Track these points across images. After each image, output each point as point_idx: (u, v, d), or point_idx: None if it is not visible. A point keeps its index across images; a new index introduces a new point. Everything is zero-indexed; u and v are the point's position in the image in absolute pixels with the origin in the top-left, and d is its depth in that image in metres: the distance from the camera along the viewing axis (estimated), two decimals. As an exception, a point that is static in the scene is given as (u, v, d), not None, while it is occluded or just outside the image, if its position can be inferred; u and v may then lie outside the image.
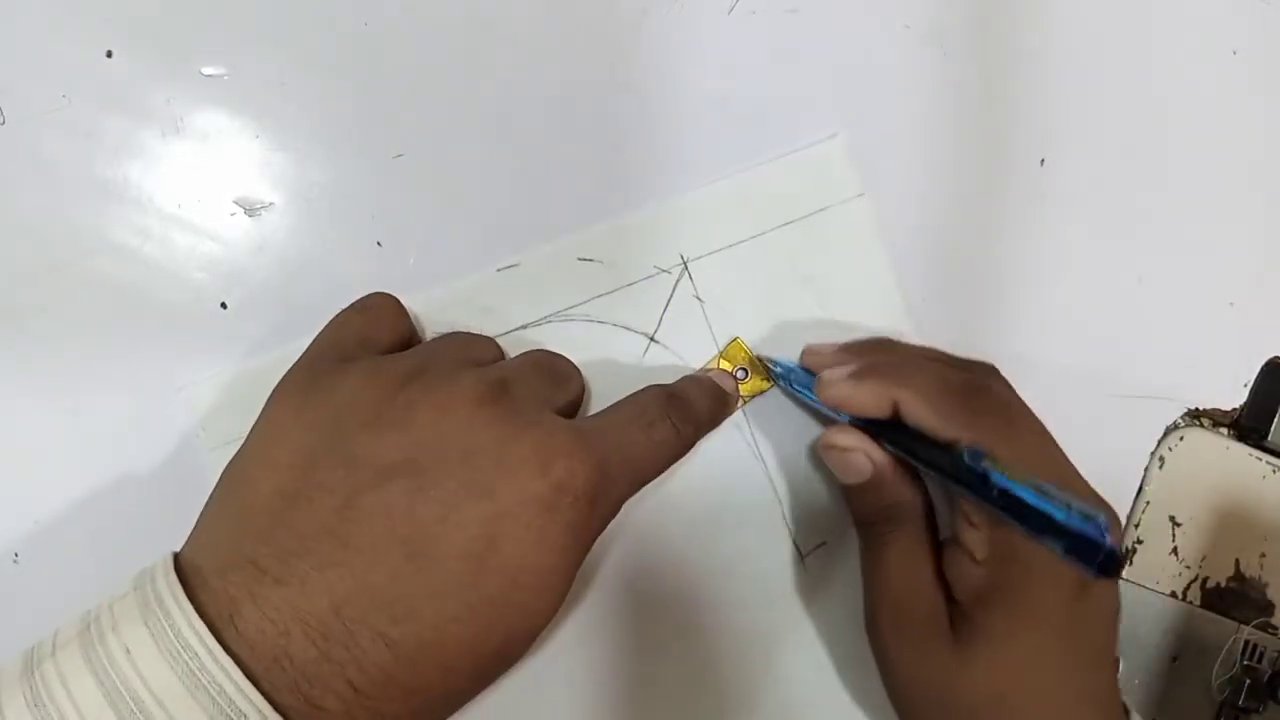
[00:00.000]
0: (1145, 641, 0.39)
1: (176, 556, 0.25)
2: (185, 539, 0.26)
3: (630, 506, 0.29)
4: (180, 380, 0.32)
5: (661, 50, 0.35)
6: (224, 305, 0.33)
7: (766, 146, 0.35)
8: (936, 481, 0.30)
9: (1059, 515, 0.23)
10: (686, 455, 0.31)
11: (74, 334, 0.32)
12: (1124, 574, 0.39)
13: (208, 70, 0.32)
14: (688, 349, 0.35)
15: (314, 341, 0.30)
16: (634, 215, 0.35)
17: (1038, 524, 0.24)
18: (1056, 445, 0.30)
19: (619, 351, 0.35)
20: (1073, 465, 0.30)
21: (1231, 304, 0.40)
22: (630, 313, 0.35)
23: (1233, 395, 0.40)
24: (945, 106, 0.37)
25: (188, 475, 0.32)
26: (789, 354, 0.35)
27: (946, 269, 0.37)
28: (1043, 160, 0.38)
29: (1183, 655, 0.39)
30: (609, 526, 0.28)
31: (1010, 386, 0.32)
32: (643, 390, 0.31)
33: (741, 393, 0.35)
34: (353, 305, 0.31)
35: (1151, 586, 0.39)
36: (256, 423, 0.28)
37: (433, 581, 0.24)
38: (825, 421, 0.35)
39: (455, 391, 0.26)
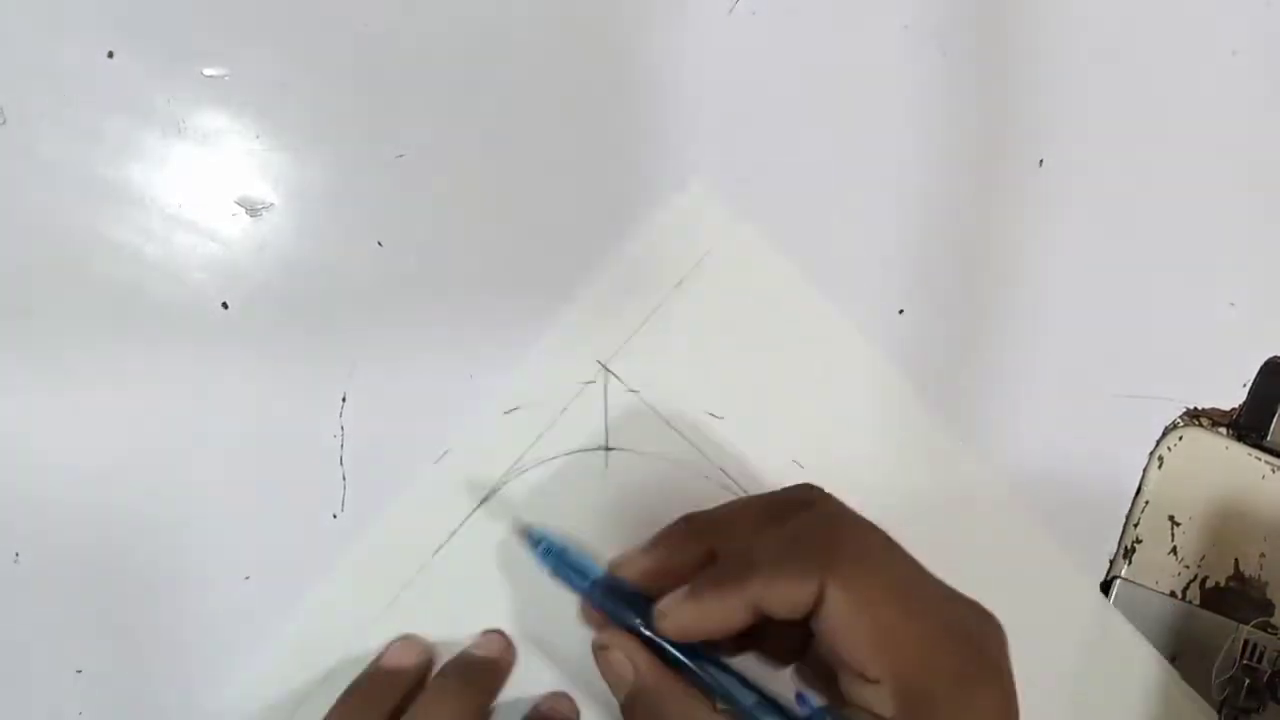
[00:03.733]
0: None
1: None
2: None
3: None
4: (178, 382, 0.32)
5: (661, 50, 0.35)
6: (225, 305, 0.33)
7: (765, 145, 0.35)
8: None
9: None
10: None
11: (74, 334, 0.32)
12: (1124, 573, 0.39)
13: (208, 70, 0.32)
14: (644, 442, 0.35)
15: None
16: (535, 348, 0.34)
17: None
18: (900, 548, 0.27)
19: (583, 476, 0.34)
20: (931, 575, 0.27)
21: (1231, 304, 0.40)
22: (576, 436, 0.34)
23: (1232, 395, 0.40)
24: (944, 106, 0.37)
25: (187, 476, 0.32)
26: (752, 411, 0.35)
27: (945, 269, 0.37)
28: (1041, 160, 0.38)
29: (1183, 655, 0.39)
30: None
31: (831, 496, 0.29)
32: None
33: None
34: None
35: (1151, 586, 0.39)
36: None
37: None
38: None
39: None
